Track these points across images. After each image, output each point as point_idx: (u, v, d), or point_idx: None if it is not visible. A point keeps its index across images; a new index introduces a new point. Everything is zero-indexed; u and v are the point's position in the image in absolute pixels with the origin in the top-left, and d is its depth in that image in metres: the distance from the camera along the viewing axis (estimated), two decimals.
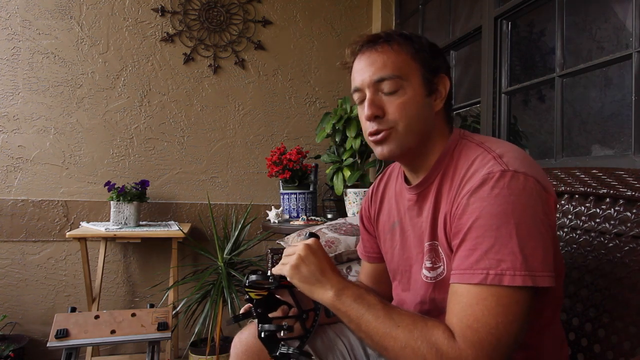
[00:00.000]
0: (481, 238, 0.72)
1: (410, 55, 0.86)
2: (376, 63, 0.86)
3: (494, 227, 0.71)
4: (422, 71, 0.87)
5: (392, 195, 1.02)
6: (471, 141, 0.86)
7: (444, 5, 2.43)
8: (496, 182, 0.73)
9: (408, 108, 0.85)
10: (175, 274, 2.38)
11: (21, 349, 2.30)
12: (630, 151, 1.34)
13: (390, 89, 0.85)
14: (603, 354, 0.94)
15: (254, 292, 0.88)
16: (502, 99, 1.91)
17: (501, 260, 0.69)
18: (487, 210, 0.72)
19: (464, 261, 0.73)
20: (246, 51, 2.78)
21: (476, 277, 0.70)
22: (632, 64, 1.32)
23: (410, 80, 0.86)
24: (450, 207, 0.81)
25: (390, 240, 1.00)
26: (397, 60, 0.86)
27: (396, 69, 0.85)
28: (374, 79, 0.86)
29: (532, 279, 0.68)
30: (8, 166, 2.47)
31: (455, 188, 0.81)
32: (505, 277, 0.68)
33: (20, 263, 2.49)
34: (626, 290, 0.92)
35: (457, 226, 0.77)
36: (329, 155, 2.41)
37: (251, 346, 1.00)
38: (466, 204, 0.75)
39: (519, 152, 0.80)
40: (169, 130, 2.68)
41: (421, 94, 0.86)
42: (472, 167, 0.79)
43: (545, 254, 0.71)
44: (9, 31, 2.46)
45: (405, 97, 0.85)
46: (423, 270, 0.88)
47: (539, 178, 0.75)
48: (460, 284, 0.72)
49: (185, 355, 2.49)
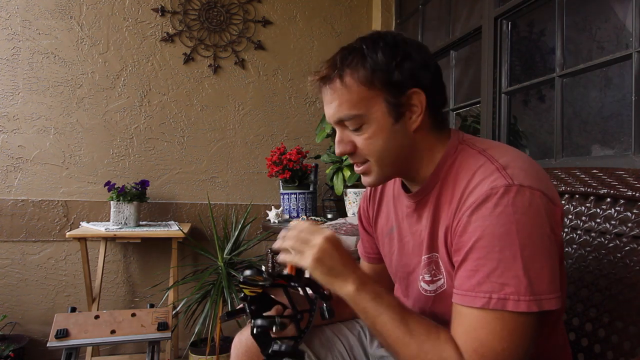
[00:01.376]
0: (483, 260, 0.69)
1: (366, 85, 0.79)
2: (333, 102, 0.82)
3: (496, 249, 0.68)
4: (384, 96, 0.79)
5: (390, 198, 1.00)
6: (472, 148, 0.82)
7: (444, 5, 2.43)
8: (499, 199, 0.70)
9: (375, 142, 0.81)
10: (175, 274, 2.38)
11: (21, 349, 2.30)
12: (630, 151, 1.34)
13: (352, 127, 0.82)
14: (603, 354, 0.94)
15: (248, 289, 0.88)
16: (502, 99, 1.91)
17: (504, 284, 0.67)
18: (490, 230, 0.69)
19: (466, 282, 0.71)
20: (246, 51, 2.78)
21: (478, 300, 0.68)
22: (632, 64, 1.32)
23: (371, 114, 0.80)
24: (451, 222, 0.78)
25: (389, 245, 0.99)
26: (351, 97, 0.79)
27: (352, 107, 0.80)
28: (334, 119, 0.83)
29: (538, 303, 0.66)
30: (8, 166, 2.47)
31: (457, 200, 0.77)
32: (509, 302, 0.66)
33: (20, 263, 2.49)
34: (626, 290, 0.92)
35: (457, 243, 0.74)
36: (329, 155, 2.41)
37: (251, 347, 1.00)
38: (467, 222, 0.72)
39: (523, 161, 0.76)
40: (169, 130, 2.68)
41: (386, 124, 0.80)
42: (474, 178, 0.75)
43: (552, 274, 0.69)
44: (9, 31, 2.46)
45: (369, 132, 0.80)
46: (421, 283, 0.86)
47: (545, 190, 0.72)
48: (462, 306, 0.71)
49: (185, 355, 2.48)
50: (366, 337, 1.06)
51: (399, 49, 0.80)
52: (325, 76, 0.83)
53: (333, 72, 0.81)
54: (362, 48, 0.81)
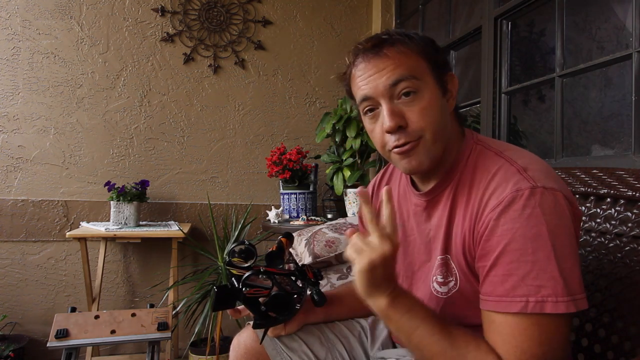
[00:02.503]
0: (516, 263, 0.68)
1: (418, 54, 0.80)
2: (387, 67, 0.78)
3: (529, 251, 0.67)
4: (433, 70, 0.81)
5: (395, 196, 0.99)
6: (488, 149, 0.81)
7: (444, 5, 2.43)
8: (527, 201, 0.68)
9: (431, 113, 0.78)
10: (175, 274, 2.38)
11: (21, 349, 2.30)
12: (630, 151, 1.34)
13: (407, 92, 0.78)
14: (603, 354, 0.94)
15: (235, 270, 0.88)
16: (502, 99, 1.91)
17: (541, 286, 0.66)
18: (521, 233, 0.68)
19: (498, 287, 0.69)
20: (246, 51, 2.78)
21: (515, 305, 0.67)
22: (632, 64, 1.32)
23: (426, 81, 0.79)
24: (471, 225, 0.76)
25: None
26: (408, 60, 0.79)
27: (410, 69, 0.78)
28: (388, 83, 0.78)
29: (574, 303, 0.66)
30: (8, 166, 2.47)
31: (477, 203, 0.75)
32: (547, 305, 0.65)
33: (20, 263, 2.49)
34: (627, 290, 0.92)
35: (484, 248, 0.72)
36: (329, 155, 2.41)
37: (250, 349, 0.99)
38: (495, 225, 0.70)
39: (541, 164, 0.76)
40: (169, 130, 2.68)
41: (438, 95, 0.80)
42: (493, 180, 0.74)
43: (580, 273, 0.69)
44: (9, 31, 2.46)
45: (424, 101, 0.78)
46: (434, 284, 0.85)
47: (565, 193, 0.72)
48: (496, 313, 0.69)
49: (185, 355, 2.49)
50: (367, 338, 1.06)
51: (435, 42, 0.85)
52: (377, 44, 0.80)
53: (384, 43, 0.80)
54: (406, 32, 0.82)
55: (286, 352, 0.95)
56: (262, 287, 0.87)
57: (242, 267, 0.88)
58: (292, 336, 0.98)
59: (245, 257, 0.89)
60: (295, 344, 0.97)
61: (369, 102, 0.81)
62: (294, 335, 0.99)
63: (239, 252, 0.88)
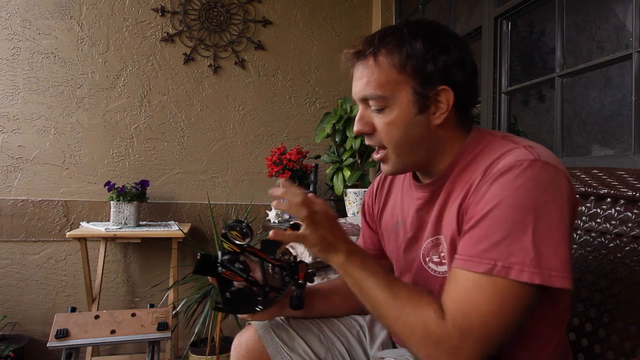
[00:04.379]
0: (494, 228, 0.69)
1: (398, 69, 0.78)
2: (362, 78, 0.81)
3: (509, 220, 0.68)
4: (413, 85, 0.78)
5: (397, 193, 0.99)
6: (494, 136, 0.83)
7: (444, 5, 2.43)
8: (522, 171, 0.69)
9: (393, 129, 0.80)
10: (175, 274, 2.38)
11: (21, 349, 2.30)
12: (630, 151, 1.34)
13: (375, 107, 0.81)
14: (603, 354, 0.94)
15: (228, 244, 0.89)
16: (502, 99, 1.91)
17: (511, 254, 0.67)
18: (506, 202, 0.69)
19: (471, 248, 0.71)
20: (246, 51, 2.78)
21: (482, 266, 0.68)
22: (632, 64, 1.32)
23: (397, 98, 0.79)
24: (467, 194, 0.77)
25: (395, 241, 0.98)
26: (381, 77, 0.79)
27: (379, 87, 0.79)
28: (358, 96, 0.83)
29: (544, 277, 0.66)
30: (8, 166, 2.47)
31: (479, 177, 0.75)
32: (512, 271, 0.67)
33: (20, 263, 2.49)
34: (627, 290, 0.92)
35: (471, 212, 0.74)
36: (329, 155, 2.41)
37: (251, 349, 0.99)
38: (485, 191, 0.72)
39: (547, 149, 0.77)
40: (169, 130, 2.68)
41: (409, 113, 0.79)
42: (498, 156, 0.75)
43: (567, 254, 0.68)
44: (9, 31, 2.46)
45: (390, 117, 0.80)
46: (431, 264, 0.86)
47: (567, 174, 0.73)
48: (462, 270, 0.71)
49: (185, 355, 2.48)
50: (366, 338, 1.06)
51: (439, 40, 0.79)
52: (360, 51, 0.82)
53: (368, 49, 0.81)
54: (402, 31, 0.80)
55: (286, 351, 0.96)
56: (237, 274, 0.88)
57: (236, 243, 0.88)
58: (291, 335, 0.99)
59: (243, 235, 0.89)
60: (295, 342, 0.97)
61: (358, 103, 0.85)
62: (294, 333, 0.99)
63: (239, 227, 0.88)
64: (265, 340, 0.96)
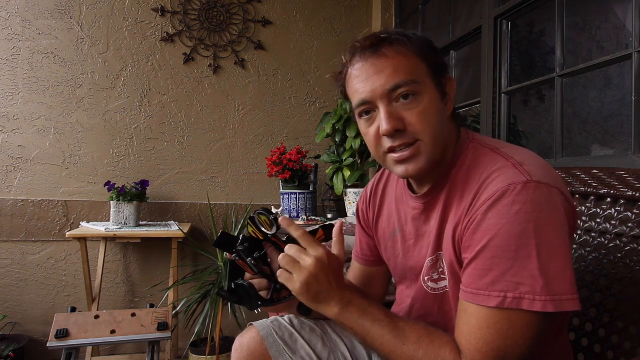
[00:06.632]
0: (498, 259, 0.67)
1: (417, 55, 0.78)
2: (386, 69, 0.76)
3: (512, 248, 0.66)
4: (432, 72, 0.78)
5: (392, 200, 0.98)
6: (484, 146, 0.80)
7: (444, 5, 2.43)
8: (517, 196, 0.67)
9: (430, 117, 0.76)
10: (175, 274, 2.38)
11: (21, 349, 2.30)
12: (630, 151, 1.34)
13: (406, 95, 0.76)
14: (603, 354, 0.94)
15: (253, 228, 0.85)
16: (502, 99, 1.91)
17: (520, 283, 0.65)
18: (506, 230, 0.67)
19: (478, 281, 0.69)
20: (246, 51, 2.78)
21: (492, 300, 0.67)
22: (632, 64, 1.32)
23: (425, 83, 0.77)
24: (462, 218, 0.75)
25: (392, 248, 0.97)
26: (408, 62, 0.76)
27: (409, 72, 0.76)
28: (387, 87, 0.75)
29: (556, 303, 0.65)
30: (8, 166, 2.47)
31: (470, 197, 0.74)
32: (524, 302, 0.65)
33: (20, 263, 2.49)
34: (627, 290, 0.92)
35: (469, 240, 0.72)
36: (329, 155, 2.41)
37: (253, 350, 0.98)
38: (482, 219, 0.70)
39: (538, 159, 0.75)
40: (169, 130, 2.68)
41: (437, 99, 0.78)
42: (489, 175, 0.73)
43: (572, 274, 0.67)
44: (9, 31, 2.46)
45: (424, 104, 0.76)
46: (429, 282, 0.86)
47: (562, 189, 0.71)
48: (473, 304, 0.69)
49: (185, 355, 2.48)
50: None
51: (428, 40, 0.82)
52: (375, 43, 0.77)
53: (384, 41, 0.77)
54: (404, 32, 0.80)
55: (289, 353, 0.95)
56: (250, 266, 0.85)
57: (261, 230, 0.84)
58: (294, 336, 0.98)
59: (271, 223, 0.84)
60: (298, 344, 0.97)
61: (367, 106, 0.79)
62: (297, 335, 0.98)
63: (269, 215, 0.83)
64: (268, 342, 0.95)
